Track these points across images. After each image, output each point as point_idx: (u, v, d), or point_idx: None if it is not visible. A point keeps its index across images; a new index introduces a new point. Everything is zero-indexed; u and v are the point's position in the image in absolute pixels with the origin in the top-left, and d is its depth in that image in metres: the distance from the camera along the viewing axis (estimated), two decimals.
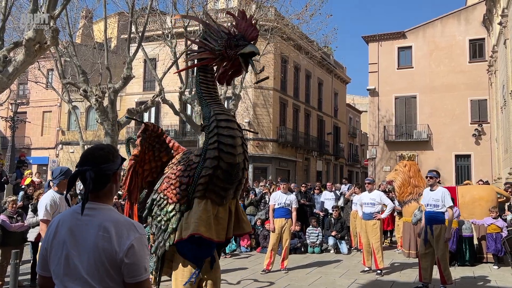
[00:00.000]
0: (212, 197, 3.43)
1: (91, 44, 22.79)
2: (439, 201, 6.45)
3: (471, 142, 24.78)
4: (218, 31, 3.51)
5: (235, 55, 3.40)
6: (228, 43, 3.41)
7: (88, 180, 1.86)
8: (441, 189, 6.63)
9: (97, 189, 1.91)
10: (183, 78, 18.71)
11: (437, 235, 6.42)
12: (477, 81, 24.90)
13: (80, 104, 29.08)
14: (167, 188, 3.53)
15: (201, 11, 19.27)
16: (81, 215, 1.85)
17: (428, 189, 6.72)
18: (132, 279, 1.82)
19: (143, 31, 16.39)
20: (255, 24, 3.52)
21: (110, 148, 2.04)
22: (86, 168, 1.88)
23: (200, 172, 3.37)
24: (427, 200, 6.61)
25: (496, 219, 8.59)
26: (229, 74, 3.59)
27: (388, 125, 26.75)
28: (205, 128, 3.47)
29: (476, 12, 25.45)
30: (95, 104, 15.26)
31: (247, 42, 3.38)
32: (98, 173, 1.89)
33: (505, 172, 18.74)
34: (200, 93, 3.64)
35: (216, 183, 3.38)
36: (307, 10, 18.92)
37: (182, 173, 3.47)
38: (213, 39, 3.50)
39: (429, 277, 6.55)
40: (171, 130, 27.94)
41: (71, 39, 17.02)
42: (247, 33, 3.41)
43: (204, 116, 3.54)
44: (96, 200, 1.92)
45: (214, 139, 3.36)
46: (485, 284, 7.09)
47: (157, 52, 23.59)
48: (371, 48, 27.67)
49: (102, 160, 1.92)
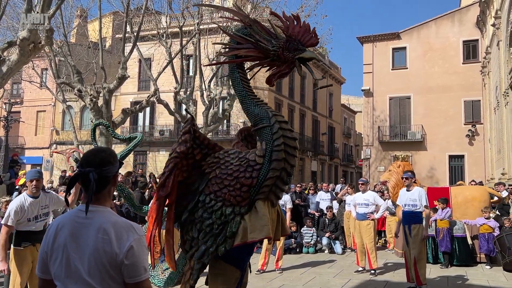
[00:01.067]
0: (272, 198, 3.38)
1: (86, 44, 22.71)
2: (417, 201, 6.53)
3: (465, 143, 24.95)
4: (271, 32, 3.49)
5: (292, 58, 3.40)
6: (287, 45, 3.40)
7: (92, 181, 1.88)
8: (418, 189, 6.71)
9: (97, 191, 1.93)
10: (178, 78, 18.69)
11: (415, 234, 6.48)
12: (471, 82, 25.08)
13: (74, 104, 28.97)
14: (221, 189, 3.29)
15: (196, 11, 19.27)
16: (86, 215, 1.87)
17: (405, 190, 6.80)
18: (132, 280, 1.86)
19: (138, 31, 16.37)
20: (314, 31, 3.47)
21: (111, 151, 2.09)
22: (89, 170, 1.90)
23: (267, 174, 3.28)
24: (404, 200, 6.69)
25: (488, 219, 8.68)
26: (278, 75, 3.55)
27: (382, 126, 26.87)
28: (264, 129, 3.37)
29: (469, 14, 25.63)
30: (90, 104, 15.22)
31: (305, 48, 3.40)
32: (100, 175, 1.92)
33: (498, 173, 18.89)
34: (243, 91, 3.52)
35: (278, 185, 3.35)
36: (302, 11, 18.97)
37: (243, 174, 3.28)
38: (265, 38, 3.45)
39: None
40: (166, 130, 27.91)
41: (65, 38, 16.97)
42: (305, 38, 3.41)
43: (258, 116, 3.41)
44: (95, 203, 1.94)
45: (280, 140, 3.30)
46: (477, 284, 7.15)
47: (152, 52, 23.56)
48: (366, 49, 27.79)
49: (104, 162, 1.96)
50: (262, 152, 3.32)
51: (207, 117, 19.34)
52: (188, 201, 3.37)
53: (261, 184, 3.27)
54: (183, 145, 3.35)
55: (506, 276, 7.43)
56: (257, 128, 3.43)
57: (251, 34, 3.48)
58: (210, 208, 3.28)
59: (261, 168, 3.28)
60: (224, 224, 3.24)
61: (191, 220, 3.34)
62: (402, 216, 6.81)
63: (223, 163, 3.40)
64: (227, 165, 3.37)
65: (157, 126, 28.49)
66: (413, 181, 6.85)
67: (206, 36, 20.69)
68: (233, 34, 3.59)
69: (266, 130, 3.36)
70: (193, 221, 3.34)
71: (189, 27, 20.36)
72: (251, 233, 3.20)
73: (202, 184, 3.37)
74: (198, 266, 3.30)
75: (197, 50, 19.35)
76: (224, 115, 20.88)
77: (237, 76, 3.54)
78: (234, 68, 3.56)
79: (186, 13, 19.45)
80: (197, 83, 20.54)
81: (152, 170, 26.66)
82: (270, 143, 3.31)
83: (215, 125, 20.46)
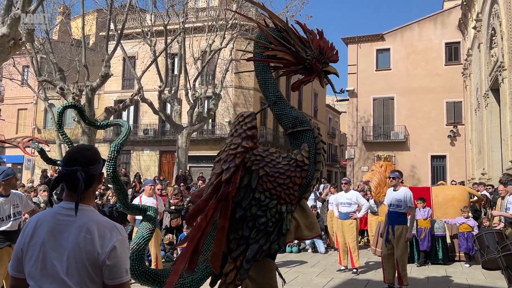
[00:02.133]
0: (306, 197, 3.59)
1: (69, 41, 22.40)
2: (401, 202, 6.45)
3: (447, 143, 25.36)
4: (305, 41, 3.60)
5: (321, 70, 3.59)
6: (319, 57, 3.56)
7: (80, 180, 1.84)
8: (404, 189, 6.63)
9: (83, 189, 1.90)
10: (162, 77, 18.57)
11: (398, 235, 6.40)
12: (453, 84, 25.50)
13: (56, 102, 28.51)
14: (275, 187, 3.29)
15: (181, 9, 19.18)
16: (75, 215, 1.83)
17: (391, 189, 6.73)
18: (113, 281, 1.82)
19: (122, 29, 16.21)
20: (335, 48, 3.68)
21: (95, 148, 2.04)
22: (77, 168, 1.86)
23: (313, 174, 3.46)
24: (390, 200, 6.62)
25: (468, 218, 8.84)
26: (305, 83, 3.73)
27: (366, 126, 27.13)
28: (306, 132, 3.53)
29: (452, 16, 26.06)
30: (72, 103, 15.01)
31: (329, 62, 3.63)
32: (87, 174, 1.88)
33: (478, 173, 19.26)
34: (278, 92, 3.61)
35: (314, 185, 3.57)
36: (287, 11, 19.05)
37: (294, 174, 3.35)
38: (300, 46, 3.55)
39: (392, 278, 6.54)
40: (150, 129, 27.70)
41: (47, 35, 16.71)
42: (330, 53, 3.62)
43: (298, 119, 3.55)
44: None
45: (321, 144, 3.52)
46: (457, 282, 7.28)
47: (137, 50, 23.35)
48: (350, 50, 28.02)
49: (91, 160, 1.92)
50: (307, 153, 3.46)
51: (192, 117, 19.28)
52: (240, 198, 3.29)
53: (308, 183, 3.42)
54: (250, 140, 3.32)
55: (484, 274, 7.57)
56: (297, 130, 3.53)
57: (285, 38, 3.54)
58: (265, 206, 3.26)
59: (309, 169, 3.42)
60: (278, 221, 3.27)
61: (243, 217, 3.28)
62: (387, 216, 6.79)
63: (268, 161, 3.39)
64: (275, 164, 3.38)
65: (141, 125, 28.25)
66: (400, 181, 6.79)
67: (191, 34, 20.60)
68: (268, 33, 3.56)
69: (308, 133, 3.51)
70: (245, 219, 3.28)
71: (174, 26, 20.26)
72: (303, 230, 3.34)
73: (253, 181, 3.32)
74: (248, 265, 3.21)
75: (182, 49, 19.25)
76: (209, 114, 20.84)
77: (270, 76, 3.59)
78: (267, 68, 3.59)
79: (171, 12, 19.33)
80: (182, 82, 20.44)
81: (136, 169, 26.44)
82: (313, 146, 3.48)
83: (199, 125, 20.40)
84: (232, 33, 19.54)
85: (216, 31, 19.90)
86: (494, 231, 6.83)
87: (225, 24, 18.97)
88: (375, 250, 9.74)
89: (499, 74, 14.36)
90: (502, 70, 14.04)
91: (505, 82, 13.85)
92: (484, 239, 6.79)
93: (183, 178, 17.24)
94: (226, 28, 18.93)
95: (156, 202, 7.13)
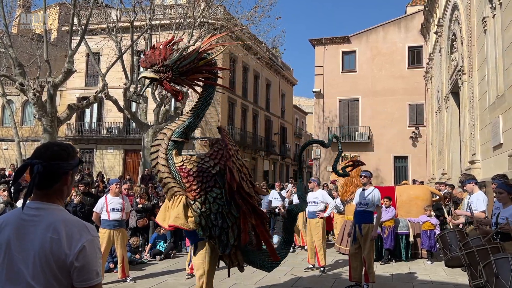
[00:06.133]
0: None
1: (29, 35, 21.54)
2: (369, 200, 6.60)
3: (409, 144, 26.15)
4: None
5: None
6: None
7: (35, 173, 1.74)
8: (372, 188, 6.79)
9: (45, 186, 1.80)
10: (128, 74, 18.16)
11: (365, 233, 6.55)
12: (415, 87, 26.32)
13: (15, 98, 27.41)
14: None
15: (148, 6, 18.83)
16: (22, 209, 1.73)
17: (361, 189, 6.88)
18: (82, 284, 1.72)
19: (86, 24, 15.74)
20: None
21: (67, 146, 1.91)
22: (35, 161, 1.76)
23: None
24: (358, 199, 6.78)
25: (430, 217, 9.12)
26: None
27: (332, 127, 27.56)
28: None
29: (415, 21, 26.89)
30: (33, 99, 14.45)
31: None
32: (48, 169, 1.77)
33: (438, 173, 19.95)
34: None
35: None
36: (256, 11, 19.05)
37: None
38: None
39: (359, 276, 6.65)
40: (114, 127, 27.05)
41: (6, 29, 15.98)
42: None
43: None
44: (45, 200, 1.80)
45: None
46: (420, 278, 7.50)
47: (101, 46, 22.74)
48: (317, 52, 28.40)
49: (55, 156, 1.81)
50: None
51: (158, 115, 18.95)
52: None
53: None
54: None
55: (445, 270, 7.83)
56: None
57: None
58: None
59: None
60: None
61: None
62: (354, 215, 6.92)
63: None
64: None
65: (105, 123, 27.53)
66: (370, 180, 6.93)
67: (158, 32, 20.26)
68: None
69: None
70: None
71: (140, 22, 19.86)
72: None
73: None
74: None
75: (148, 46, 18.89)
76: (176, 112, 20.54)
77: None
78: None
79: (138, 8, 18.93)
80: None
81: (99, 168, 25.75)
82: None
83: (166, 123, 20.08)
84: (200, 31, 19.34)
85: (183, 29, 19.65)
86: (456, 230, 7.06)
87: (193, 22, 18.75)
88: (339, 248, 9.92)
89: (459, 78, 14.90)
90: (462, 74, 14.59)
91: (465, 85, 14.39)
92: (447, 238, 7.00)
93: (148, 177, 16.91)
94: (194, 26, 18.72)
95: (122, 201, 6.95)
